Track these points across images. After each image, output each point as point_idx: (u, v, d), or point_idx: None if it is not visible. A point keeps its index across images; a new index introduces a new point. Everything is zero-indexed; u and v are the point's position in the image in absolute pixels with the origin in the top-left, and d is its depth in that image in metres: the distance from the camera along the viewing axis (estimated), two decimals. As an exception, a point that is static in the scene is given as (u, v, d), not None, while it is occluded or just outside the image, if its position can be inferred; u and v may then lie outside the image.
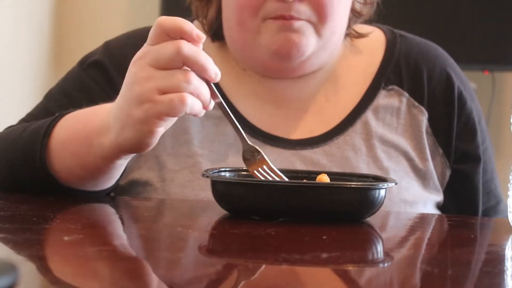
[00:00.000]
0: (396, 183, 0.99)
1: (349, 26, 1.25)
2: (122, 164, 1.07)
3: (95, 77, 1.22)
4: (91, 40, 1.30)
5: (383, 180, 1.01)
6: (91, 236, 0.88)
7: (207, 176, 0.99)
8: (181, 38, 0.96)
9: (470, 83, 1.32)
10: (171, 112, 0.95)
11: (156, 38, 0.97)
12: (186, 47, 0.94)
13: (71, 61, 1.29)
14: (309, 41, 1.17)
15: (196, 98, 0.96)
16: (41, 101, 1.25)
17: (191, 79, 0.95)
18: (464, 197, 1.26)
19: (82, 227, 0.93)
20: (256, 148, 1.02)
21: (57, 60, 2.74)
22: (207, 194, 1.12)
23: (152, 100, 0.95)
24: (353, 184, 1.00)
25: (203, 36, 0.96)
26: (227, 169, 1.05)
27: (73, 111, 1.11)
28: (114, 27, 1.30)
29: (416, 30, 1.41)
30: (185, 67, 0.96)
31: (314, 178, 1.03)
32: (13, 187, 1.11)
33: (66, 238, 0.85)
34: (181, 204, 1.16)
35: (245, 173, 1.05)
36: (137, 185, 1.19)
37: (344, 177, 1.05)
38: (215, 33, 1.25)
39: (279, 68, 1.21)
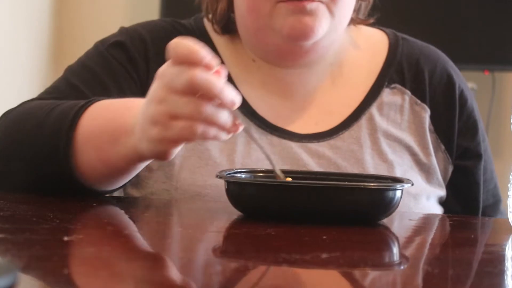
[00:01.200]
0: (412, 184, 0.99)
1: (354, 11, 1.27)
2: (142, 166, 1.08)
3: (117, 56, 1.23)
4: (91, 40, 1.30)
5: (399, 181, 1.00)
6: (91, 237, 0.88)
7: (221, 177, 0.98)
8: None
9: (470, 83, 1.33)
10: (182, 139, 0.96)
11: (174, 60, 0.96)
12: (199, 77, 0.93)
13: (71, 61, 1.29)
14: (322, 23, 1.18)
15: (210, 126, 0.95)
16: (61, 76, 1.24)
17: (204, 109, 0.94)
18: (465, 192, 1.29)
19: (82, 227, 0.93)
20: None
21: (56, 60, 2.74)
22: (215, 180, 1.12)
23: (163, 124, 0.96)
24: (372, 185, 0.99)
25: (214, 64, 0.95)
26: (243, 170, 1.05)
27: (102, 99, 1.10)
28: (114, 27, 1.29)
29: (417, 30, 1.41)
30: None
31: (323, 179, 1.03)
32: (32, 180, 1.10)
33: (66, 238, 0.85)
34: (180, 204, 1.16)
35: (261, 174, 1.05)
36: (147, 170, 1.19)
37: (360, 178, 1.05)
38: (225, 26, 1.26)
39: (291, 50, 1.22)
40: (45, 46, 2.73)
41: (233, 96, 0.95)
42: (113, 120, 1.05)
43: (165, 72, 0.96)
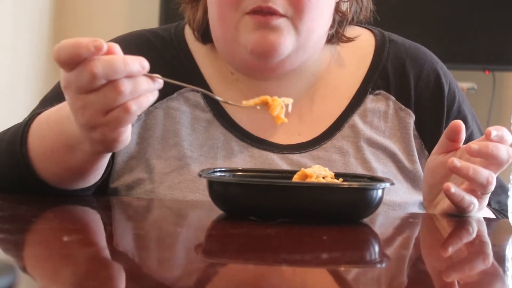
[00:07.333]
0: (393, 184, 0.99)
1: (332, 27, 1.25)
2: (107, 158, 1.08)
3: None
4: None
5: (379, 180, 1.00)
6: (91, 237, 0.88)
7: (204, 177, 0.98)
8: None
9: (471, 83, 1.32)
10: (124, 123, 0.96)
11: (64, 66, 0.95)
12: (99, 68, 0.93)
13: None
14: (287, 40, 1.17)
15: (140, 97, 0.95)
16: (36, 106, 1.25)
17: (123, 89, 0.94)
18: None
19: (81, 227, 0.93)
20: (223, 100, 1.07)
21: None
22: (194, 196, 1.14)
23: (100, 123, 0.96)
24: (354, 184, 0.99)
25: (101, 44, 0.93)
26: (223, 169, 1.05)
27: (43, 110, 1.11)
28: (114, 28, 1.30)
29: (417, 30, 1.41)
30: None
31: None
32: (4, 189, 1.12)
33: (65, 238, 0.85)
34: (180, 204, 1.16)
35: (240, 173, 1.05)
36: (127, 188, 1.20)
37: (340, 178, 1.04)
38: (204, 36, 1.26)
39: (258, 67, 1.22)
40: (45, 47, 2.73)
41: (138, 62, 0.95)
42: (60, 133, 1.05)
43: (67, 81, 0.96)
